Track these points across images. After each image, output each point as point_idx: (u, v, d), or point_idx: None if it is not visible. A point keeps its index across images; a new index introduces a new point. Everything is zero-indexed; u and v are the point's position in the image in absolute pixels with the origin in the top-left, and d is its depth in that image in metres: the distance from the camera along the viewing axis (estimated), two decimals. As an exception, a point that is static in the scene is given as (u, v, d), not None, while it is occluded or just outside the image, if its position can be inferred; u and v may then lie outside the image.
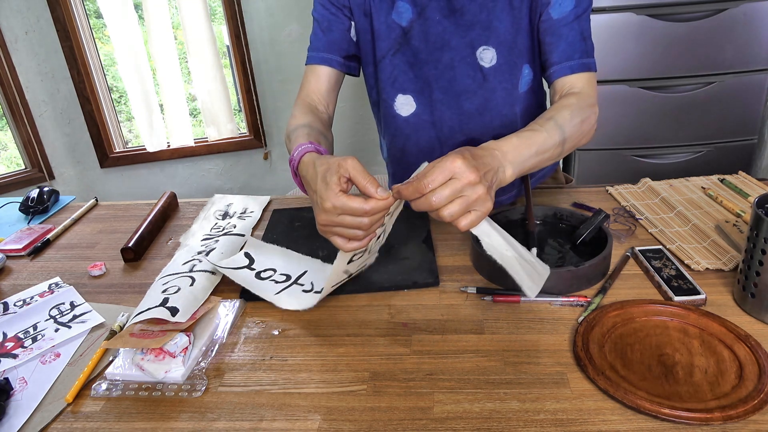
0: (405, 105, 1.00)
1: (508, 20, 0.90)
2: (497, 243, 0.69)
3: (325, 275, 0.83)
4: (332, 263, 0.73)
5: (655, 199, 1.03)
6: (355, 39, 0.99)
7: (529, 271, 0.70)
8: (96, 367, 0.70)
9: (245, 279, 0.84)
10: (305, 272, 0.86)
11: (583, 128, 0.83)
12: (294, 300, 0.79)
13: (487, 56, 0.93)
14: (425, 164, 0.65)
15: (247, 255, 0.91)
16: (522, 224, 0.93)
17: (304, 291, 0.81)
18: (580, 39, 0.88)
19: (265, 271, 0.87)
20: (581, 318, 0.71)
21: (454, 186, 0.61)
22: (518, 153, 0.72)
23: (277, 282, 0.84)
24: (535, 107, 1.03)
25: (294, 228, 1.01)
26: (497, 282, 0.81)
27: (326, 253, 0.90)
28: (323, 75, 0.98)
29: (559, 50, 0.89)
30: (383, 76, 0.99)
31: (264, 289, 0.82)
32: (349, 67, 1.01)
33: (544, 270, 0.72)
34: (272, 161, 2.68)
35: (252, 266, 0.88)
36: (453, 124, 0.99)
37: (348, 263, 0.75)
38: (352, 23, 0.97)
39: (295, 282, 0.84)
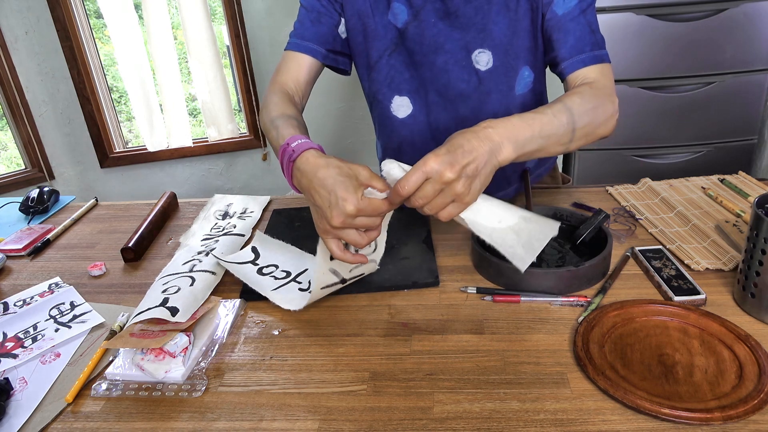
0: (401, 106, 1.00)
1: (504, 23, 0.90)
2: (486, 218, 0.69)
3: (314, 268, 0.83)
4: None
5: (655, 199, 1.03)
6: (344, 36, 0.97)
7: (526, 238, 0.69)
8: (96, 367, 0.70)
9: (246, 275, 0.84)
10: (305, 270, 0.86)
11: (597, 115, 0.80)
12: (289, 297, 0.79)
13: (482, 59, 0.92)
14: (387, 161, 0.68)
15: (254, 249, 0.91)
16: (522, 224, 0.93)
17: (300, 289, 0.81)
18: (589, 32, 0.87)
19: (267, 266, 0.87)
20: (581, 318, 0.71)
21: (433, 186, 0.64)
22: (517, 131, 0.70)
23: (276, 278, 0.84)
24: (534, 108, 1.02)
25: (294, 228, 1.01)
26: (497, 282, 0.81)
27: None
28: (305, 64, 0.95)
29: (568, 45, 0.87)
30: (380, 77, 0.98)
31: (262, 285, 0.82)
32: (335, 60, 0.98)
33: (550, 230, 0.70)
34: (274, 161, 2.68)
35: (256, 261, 0.89)
36: (449, 126, 0.99)
37: (331, 259, 0.74)
38: (342, 20, 0.96)
39: (294, 279, 0.84)
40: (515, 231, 0.69)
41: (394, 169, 0.67)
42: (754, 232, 0.68)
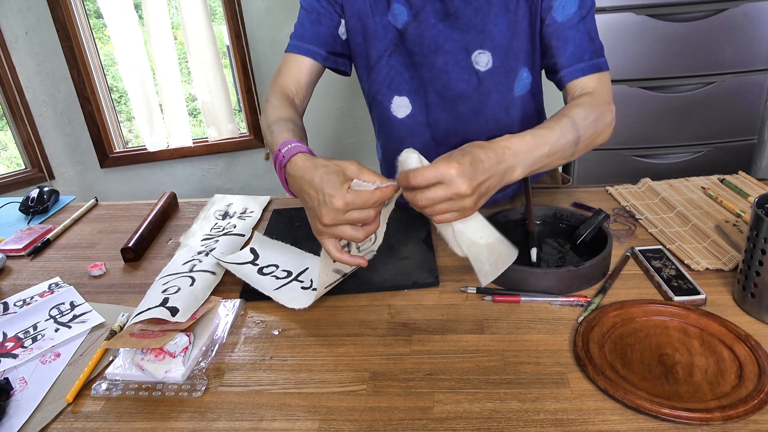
0: (401, 107, 1.00)
1: (503, 24, 0.90)
2: (472, 232, 0.70)
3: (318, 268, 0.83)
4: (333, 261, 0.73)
5: (655, 199, 1.03)
6: (344, 38, 0.97)
7: (495, 258, 0.71)
8: (96, 367, 0.70)
9: (247, 275, 0.85)
10: (306, 269, 0.86)
11: (598, 126, 0.81)
12: (291, 296, 0.79)
13: (482, 60, 0.93)
14: (408, 150, 0.68)
15: (252, 250, 0.91)
16: (522, 224, 0.93)
17: (303, 288, 0.82)
18: (588, 40, 0.87)
19: (267, 266, 0.87)
20: (581, 318, 0.71)
21: (444, 193, 0.63)
22: (531, 153, 0.71)
23: (278, 278, 0.84)
24: (533, 110, 1.02)
25: (294, 228, 1.01)
26: (497, 282, 0.81)
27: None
28: (305, 66, 0.95)
29: (567, 53, 0.88)
30: (379, 78, 0.98)
31: (264, 285, 0.82)
32: (335, 62, 0.98)
33: (510, 256, 0.72)
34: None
35: (256, 262, 0.89)
36: (448, 126, 0.99)
37: (334, 261, 0.74)
38: (342, 21, 0.96)
39: (295, 279, 0.84)
40: (489, 249, 0.71)
41: (413, 160, 0.67)
42: (754, 232, 0.68)
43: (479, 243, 0.71)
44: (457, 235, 0.70)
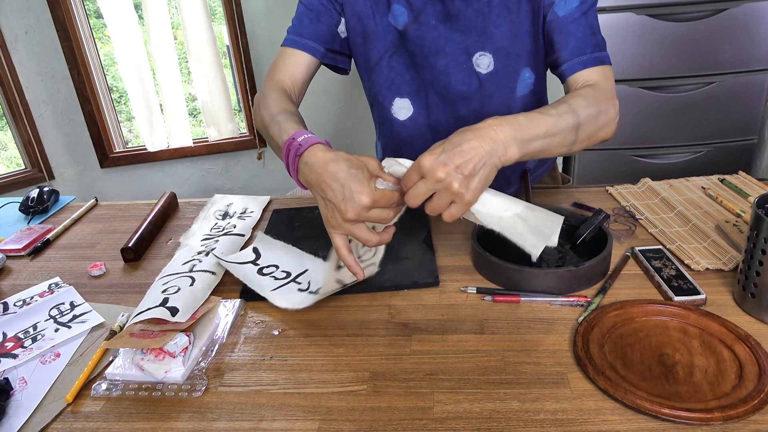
0: (402, 108, 1.00)
1: (505, 25, 0.89)
2: (493, 208, 0.69)
3: (323, 275, 0.83)
4: None
5: (655, 199, 1.03)
6: (344, 36, 0.97)
7: (534, 225, 0.69)
8: (96, 367, 0.70)
9: (246, 275, 0.84)
10: (305, 270, 0.86)
11: (600, 118, 0.79)
12: (287, 298, 0.79)
13: (483, 62, 0.92)
14: (386, 160, 0.69)
15: (255, 250, 0.91)
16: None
17: (300, 290, 0.81)
18: (590, 34, 0.86)
19: (268, 267, 0.87)
20: (581, 318, 0.71)
21: (426, 185, 0.64)
22: (522, 131, 0.69)
23: (276, 278, 0.84)
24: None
25: (294, 228, 1.01)
26: (497, 282, 0.81)
27: (326, 252, 0.90)
28: (302, 62, 0.94)
29: (569, 47, 0.87)
30: (380, 79, 0.98)
31: (262, 285, 0.82)
32: (334, 59, 0.98)
33: (555, 222, 0.70)
34: (272, 161, 2.68)
35: (257, 261, 0.89)
36: (449, 128, 0.99)
37: (337, 269, 0.74)
38: (342, 20, 0.95)
39: (293, 280, 0.84)
40: (522, 218, 0.69)
41: (393, 166, 0.68)
42: (754, 232, 0.68)
43: (506, 216, 0.69)
44: (478, 216, 0.68)
